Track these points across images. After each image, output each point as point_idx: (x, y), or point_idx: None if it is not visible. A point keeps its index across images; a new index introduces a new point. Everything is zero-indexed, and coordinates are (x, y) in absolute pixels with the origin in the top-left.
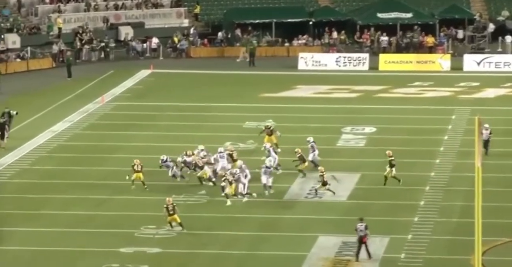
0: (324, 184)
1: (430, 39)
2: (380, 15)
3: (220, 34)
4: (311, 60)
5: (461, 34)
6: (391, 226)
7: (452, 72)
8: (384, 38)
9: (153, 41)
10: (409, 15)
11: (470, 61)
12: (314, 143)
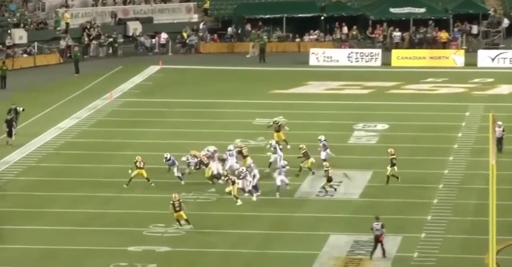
0: (329, 180)
1: (444, 35)
2: (393, 10)
3: (230, 30)
4: (323, 56)
5: (475, 29)
6: (404, 225)
7: (466, 68)
8: (397, 34)
9: (162, 37)
10: (422, 10)
11: (485, 57)
12: (326, 142)
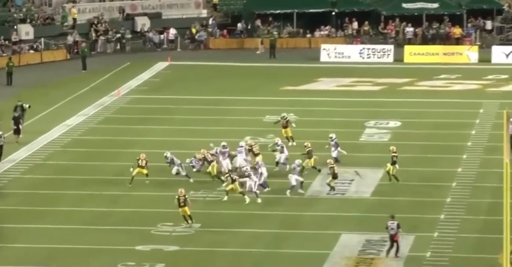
0: (335, 177)
1: (457, 30)
2: (406, 5)
3: (240, 25)
4: (334, 52)
5: (489, 25)
6: (417, 224)
7: (480, 65)
8: (410, 29)
9: (171, 32)
10: (435, 5)
11: (499, 53)
12: (337, 140)
